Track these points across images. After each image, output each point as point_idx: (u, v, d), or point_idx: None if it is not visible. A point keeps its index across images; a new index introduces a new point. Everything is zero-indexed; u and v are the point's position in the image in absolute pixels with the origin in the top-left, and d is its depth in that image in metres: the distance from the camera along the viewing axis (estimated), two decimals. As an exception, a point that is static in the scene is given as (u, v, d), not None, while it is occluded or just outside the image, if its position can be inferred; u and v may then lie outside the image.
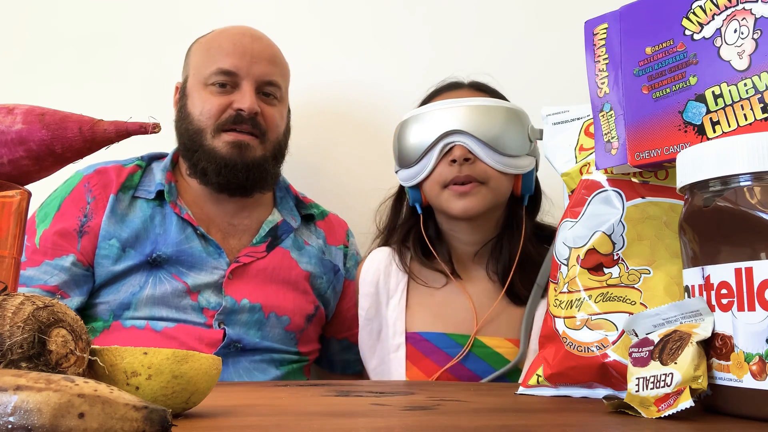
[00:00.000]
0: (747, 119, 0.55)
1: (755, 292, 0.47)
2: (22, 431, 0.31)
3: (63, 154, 0.54)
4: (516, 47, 1.41)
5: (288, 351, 1.13)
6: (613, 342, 0.64)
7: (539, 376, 0.69)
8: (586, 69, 0.67)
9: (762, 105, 0.54)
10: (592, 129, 0.70)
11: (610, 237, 0.67)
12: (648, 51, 0.62)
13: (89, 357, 0.43)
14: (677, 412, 0.49)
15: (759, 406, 0.47)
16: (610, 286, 0.66)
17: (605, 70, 0.65)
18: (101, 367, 0.45)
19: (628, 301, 0.65)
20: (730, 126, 0.56)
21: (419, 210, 1.10)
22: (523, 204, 1.08)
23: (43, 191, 1.12)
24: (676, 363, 0.51)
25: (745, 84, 0.55)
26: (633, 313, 0.61)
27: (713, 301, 0.51)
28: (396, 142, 1.08)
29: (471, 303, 1.05)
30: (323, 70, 1.43)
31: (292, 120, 1.23)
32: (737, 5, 0.57)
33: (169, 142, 1.17)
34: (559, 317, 0.69)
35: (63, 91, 1.41)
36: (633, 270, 0.65)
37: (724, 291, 0.50)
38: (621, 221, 0.66)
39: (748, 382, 0.48)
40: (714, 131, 0.57)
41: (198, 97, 1.13)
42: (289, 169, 1.25)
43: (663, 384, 0.51)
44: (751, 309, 0.48)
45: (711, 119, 0.57)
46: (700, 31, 0.59)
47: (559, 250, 0.71)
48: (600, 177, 0.69)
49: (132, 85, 1.42)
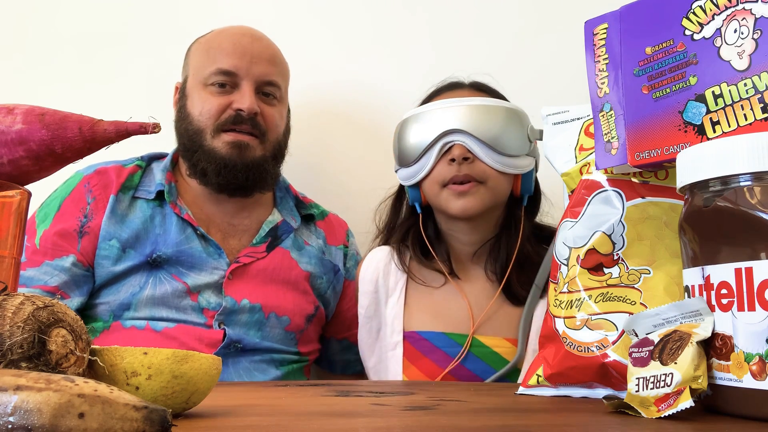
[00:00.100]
0: (747, 119, 0.55)
1: (755, 292, 0.47)
2: (22, 431, 0.31)
3: (63, 154, 0.54)
4: (516, 47, 1.41)
5: (288, 351, 1.13)
6: (613, 342, 0.64)
7: (539, 376, 0.69)
8: (586, 69, 0.67)
9: (762, 105, 0.54)
10: (592, 129, 0.70)
11: (610, 237, 0.67)
12: (648, 51, 0.62)
13: (89, 357, 0.43)
14: (677, 412, 0.49)
15: (759, 406, 0.47)
16: (610, 286, 0.66)
17: (605, 70, 0.65)
18: (101, 367, 0.45)
19: (628, 301, 0.65)
20: (730, 126, 0.56)
21: (418, 209, 1.10)
22: (522, 204, 1.08)
23: (43, 191, 1.12)
24: (676, 363, 0.51)
25: (745, 84, 0.55)
26: (633, 313, 0.61)
27: (713, 301, 0.51)
28: (396, 141, 1.08)
29: (467, 303, 1.05)
30: (323, 70, 1.43)
31: (292, 120, 1.23)
32: (737, 5, 0.57)
33: (169, 142, 1.17)
34: (559, 317, 0.69)
35: (63, 91, 1.41)
36: (633, 270, 0.65)
37: (724, 291, 0.50)
38: (621, 221, 0.66)
39: (748, 382, 0.48)
40: (714, 131, 0.57)
41: (198, 98, 1.13)
42: (289, 169, 1.25)
43: (663, 384, 0.51)
44: (751, 309, 0.48)
45: (711, 119, 0.57)
46: (700, 31, 0.59)
47: (559, 250, 0.71)
48: (600, 177, 0.69)
49: (132, 85, 1.42)
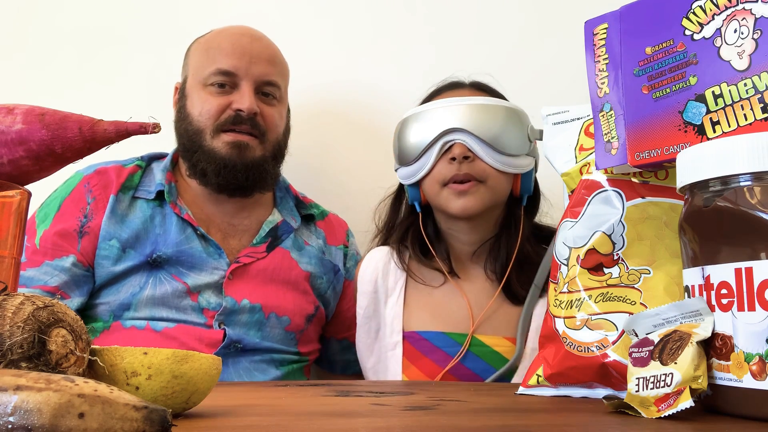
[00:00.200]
0: (747, 119, 0.55)
1: (755, 292, 0.47)
2: (22, 431, 0.31)
3: (63, 154, 0.54)
4: (516, 48, 1.41)
5: (288, 351, 1.13)
6: (613, 342, 0.64)
7: (539, 376, 0.69)
8: (586, 69, 0.67)
9: (762, 105, 0.54)
10: (592, 129, 0.70)
11: (610, 237, 0.67)
12: (648, 51, 0.62)
13: (89, 357, 0.43)
14: (677, 412, 0.49)
15: (759, 406, 0.47)
16: (610, 286, 0.66)
17: (605, 70, 0.65)
18: (101, 367, 0.45)
19: (628, 301, 0.65)
20: (730, 126, 0.56)
21: (418, 208, 1.10)
22: (522, 204, 1.09)
23: (43, 191, 1.12)
24: (676, 363, 0.51)
25: (745, 84, 0.55)
26: (633, 313, 0.61)
27: (713, 301, 0.51)
28: (396, 140, 1.09)
29: (467, 302, 1.05)
30: (323, 70, 1.43)
31: (292, 120, 1.23)
32: (737, 5, 0.57)
33: (169, 142, 1.17)
34: (559, 317, 0.69)
35: (63, 91, 1.41)
36: (633, 270, 0.65)
37: (724, 291, 0.50)
38: (621, 221, 0.66)
39: (748, 382, 0.48)
40: (714, 131, 0.57)
41: (197, 98, 1.13)
42: (290, 170, 1.25)
43: (663, 384, 0.51)
44: (751, 309, 0.48)
45: (711, 119, 0.57)
46: (700, 31, 0.59)
47: (559, 250, 0.71)
48: (600, 177, 0.69)
49: (132, 86, 1.42)
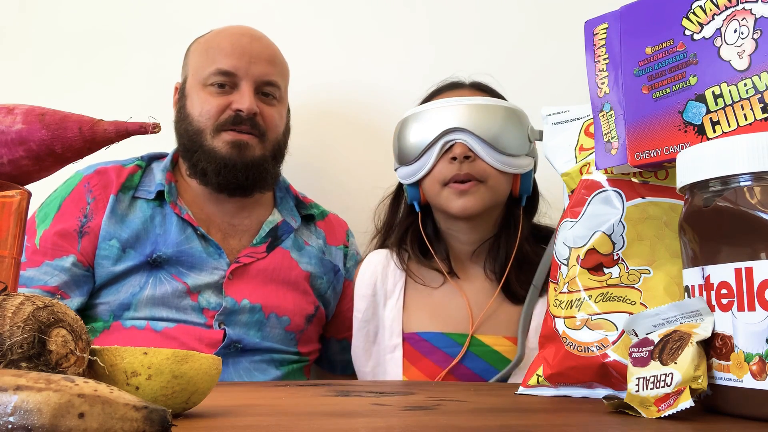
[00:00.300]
0: (747, 119, 0.55)
1: (755, 292, 0.47)
2: (22, 431, 0.31)
3: (63, 154, 0.54)
4: (516, 48, 1.41)
5: (288, 351, 1.13)
6: (613, 342, 0.64)
7: (539, 376, 0.69)
8: (586, 69, 0.67)
9: (762, 105, 0.54)
10: (592, 129, 0.70)
11: (610, 237, 0.67)
12: (648, 51, 0.62)
13: (89, 357, 0.43)
14: (677, 412, 0.49)
15: (759, 406, 0.47)
16: (610, 286, 0.66)
17: (605, 70, 0.65)
18: (101, 367, 0.45)
19: (628, 301, 0.65)
20: (730, 126, 0.56)
21: (417, 208, 1.10)
22: (521, 204, 1.09)
23: (43, 191, 1.12)
24: (676, 363, 0.51)
25: (745, 84, 0.55)
26: (633, 313, 0.61)
27: (713, 301, 0.51)
28: (396, 139, 1.08)
29: (467, 302, 1.05)
30: (324, 70, 1.43)
31: (292, 120, 1.23)
32: (737, 5, 0.57)
33: (169, 142, 1.17)
34: (559, 317, 0.69)
35: (63, 91, 1.41)
36: (633, 270, 0.65)
37: (724, 291, 0.50)
38: (621, 221, 0.66)
39: (748, 382, 0.48)
40: (714, 131, 0.57)
41: (197, 98, 1.13)
42: (290, 170, 1.25)
43: (663, 384, 0.51)
44: (751, 309, 0.48)
45: (711, 119, 0.57)
46: (700, 31, 0.59)
47: (559, 250, 0.71)
48: (600, 177, 0.69)
49: (132, 86, 1.42)
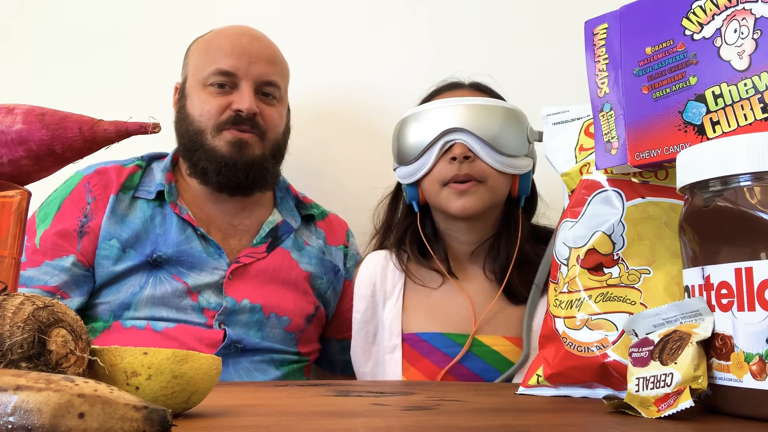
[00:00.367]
0: (747, 119, 0.55)
1: (755, 292, 0.47)
2: (22, 431, 0.31)
3: (63, 154, 0.54)
4: (516, 48, 1.41)
5: (288, 351, 1.13)
6: (613, 342, 0.64)
7: (539, 376, 0.69)
8: (586, 69, 0.67)
9: (762, 105, 0.54)
10: (592, 129, 0.70)
11: (610, 237, 0.67)
12: (648, 51, 0.62)
13: (89, 357, 0.43)
14: (677, 412, 0.49)
15: (759, 406, 0.47)
16: (610, 286, 0.66)
17: (605, 70, 0.65)
18: (101, 367, 0.45)
19: (628, 301, 0.65)
20: (730, 126, 0.56)
21: (416, 208, 1.09)
22: (520, 205, 1.09)
23: (43, 191, 1.12)
24: (676, 363, 0.51)
25: (745, 84, 0.55)
26: (633, 313, 0.61)
27: (713, 301, 0.51)
28: (395, 139, 1.08)
29: (470, 302, 1.05)
30: (324, 70, 1.43)
31: (292, 120, 1.23)
32: (737, 5, 0.57)
33: (169, 142, 1.17)
34: (559, 317, 0.69)
35: (63, 91, 1.41)
36: (633, 270, 0.65)
37: (724, 291, 0.50)
38: (621, 221, 0.66)
39: (748, 382, 0.48)
40: (714, 131, 0.57)
41: (197, 98, 1.13)
42: (290, 170, 1.25)
43: (663, 384, 0.51)
44: (751, 309, 0.48)
45: (711, 119, 0.57)
46: (700, 31, 0.59)
47: (559, 250, 0.71)
48: (600, 177, 0.69)
49: (132, 86, 1.42)
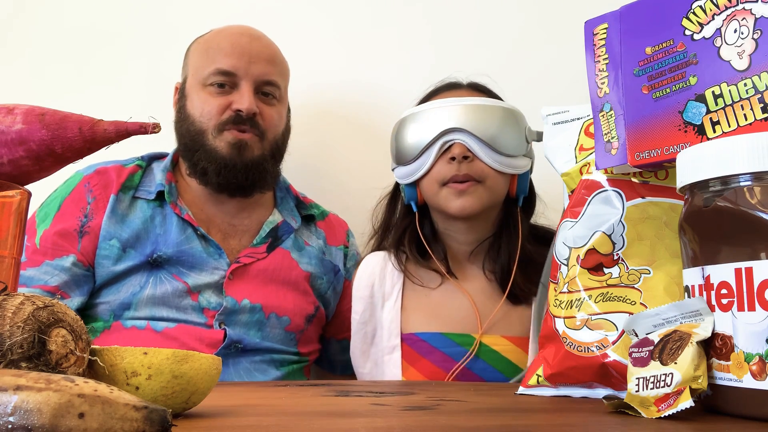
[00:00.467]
0: (747, 119, 0.55)
1: (755, 292, 0.47)
2: (22, 431, 0.31)
3: (63, 154, 0.54)
4: (516, 48, 1.41)
5: (288, 351, 1.13)
6: (613, 342, 0.64)
7: (539, 376, 0.69)
8: (586, 69, 0.67)
9: (762, 105, 0.54)
10: (592, 129, 0.70)
11: (610, 237, 0.67)
12: (648, 51, 0.62)
13: (89, 357, 0.43)
14: (677, 412, 0.49)
15: (759, 406, 0.47)
16: (610, 286, 0.66)
17: (605, 70, 0.65)
18: (101, 367, 0.45)
19: (628, 301, 0.65)
20: (730, 126, 0.56)
21: (414, 208, 1.09)
22: (518, 205, 1.09)
23: (43, 191, 1.12)
24: (676, 363, 0.51)
25: (745, 84, 0.55)
26: (633, 313, 0.61)
27: (713, 301, 0.51)
28: (394, 139, 1.08)
29: (472, 302, 1.05)
30: (324, 70, 1.43)
31: (292, 120, 1.23)
32: (737, 5, 0.57)
33: (169, 142, 1.17)
34: (559, 317, 0.69)
35: (63, 91, 1.41)
36: (633, 270, 0.65)
37: (724, 291, 0.50)
38: (621, 221, 0.66)
39: (748, 382, 0.48)
40: (714, 131, 0.57)
41: (197, 98, 1.12)
42: (290, 170, 1.25)
43: (663, 384, 0.51)
44: (751, 309, 0.48)
45: (711, 119, 0.57)
46: (700, 31, 0.59)
47: (559, 250, 0.71)
48: (600, 177, 0.69)
49: (132, 86, 1.42)
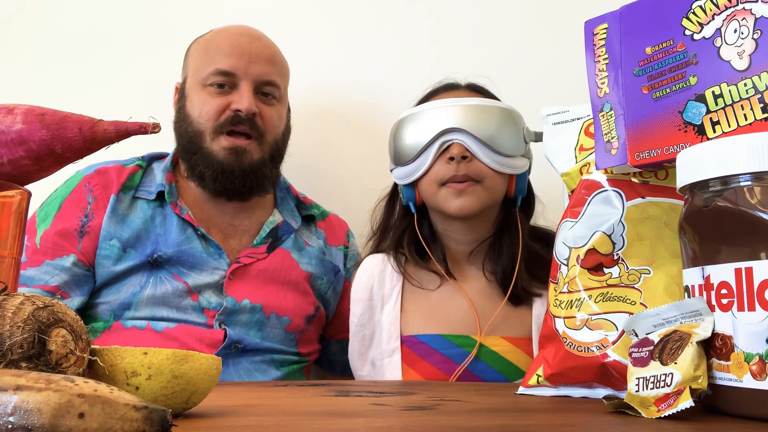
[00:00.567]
0: (747, 119, 0.55)
1: (755, 292, 0.47)
2: (22, 431, 0.31)
3: (63, 154, 0.54)
4: (516, 48, 1.41)
5: (288, 352, 1.13)
6: (613, 342, 0.64)
7: (539, 376, 0.69)
8: (586, 69, 0.67)
9: (762, 105, 0.54)
10: (592, 129, 0.70)
11: (610, 237, 0.67)
12: (648, 51, 0.62)
13: (89, 357, 0.43)
14: (677, 412, 0.49)
15: (759, 406, 0.47)
16: (610, 286, 0.66)
17: (605, 70, 0.65)
18: (101, 367, 0.45)
19: (628, 301, 0.65)
20: (730, 126, 0.56)
21: (413, 209, 1.09)
22: (516, 205, 1.09)
23: (43, 191, 1.12)
24: (676, 363, 0.51)
25: (745, 84, 0.55)
26: (633, 313, 0.61)
27: (713, 301, 0.51)
28: (392, 140, 1.08)
29: (471, 304, 1.04)
30: (324, 70, 1.43)
31: (292, 120, 1.23)
32: (737, 5, 0.57)
33: (169, 142, 1.17)
34: (559, 317, 0.69)
35: (63, 91, 1.41)
36: (633, 270, 0.65)
37: (724, 291, 0.50)
38: (621, 221, 0.66)
39: (748, 382, 0.48)
40: (714, 131, 0.57)
41: (197, 98, 1.12)
42: (290, 170, 1.25)
43: (663, 384, 0.51)
44: (751, 309, 0.48)
45: (711, 119, 0.57)
46: (700, 31, 0.59)
47: (559, 250, 0.71)
48: (600, 177, 0.69)
49: (132, 86, 1.42)
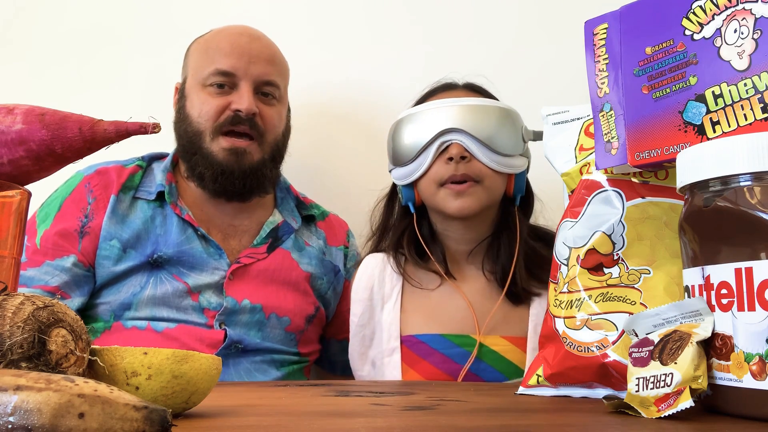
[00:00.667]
0: (747, 119, 0.55)
1: (755, 292, 0.47)
2: (22, 431, 0.31)
3: (63, 154, 0.54)
4: (515, 47, 1.41)
5: (288, 352, 1.13)
6: (613, 342, 0.64)
7: (539, 376, 0.69)
8: (586, 69, 0.67)
9: (762, 105, 0.54)
10: (592, 129, 0.70)
11: (610, 237, 0.67)
12: (648, 51, 0.62)
13: (89, 357, 0.43)
14: (677, 412, 0.49)
15: (759, 406, 0.47)
16: (610, 286, 0.66)
17: (605, 70, 0.65)
18: (101, 367, 0.45)
19: (628, 301, 0.65)
20: (730, 126, 0.56)
21: (412, 209, 1.09)
22: (515, 204, 1.09)
23: (43, 191, 1.12)
24: (676, 363, 0.51)
25: (745, 84, 0.55)
26: (633, 313, 0.61)
27: (713, 301, 0.51)
28: (391, 140, 1.08)
29: (468, 303, 1.04)
30: (324, 70, 1.43)
31: (292, 120, 1.23)
32: (737, 5, 0.57)
33: (170, 142, 1.17)
34: (559, 317, 0.69)
35: (63, 92, 1.41)
36: (633, 270, 0.65)
37: (724, 291, 0.50)
38: (621, 221, 0.66)
39: (748, 382, 0.48)
40: (714, 131, 0.57)
41: (197, 98, 1.12)
42: (290, 170, 1.25)
43: (663, 384, 0.51)
44: (751, 309, 0.48)
45: (711, 119, 0.57)
46: (700, 31, 0.59)
47: (559, 250, 0.71)
48: (600, 177, 0.69)
49: (132, 86, 1.42)
